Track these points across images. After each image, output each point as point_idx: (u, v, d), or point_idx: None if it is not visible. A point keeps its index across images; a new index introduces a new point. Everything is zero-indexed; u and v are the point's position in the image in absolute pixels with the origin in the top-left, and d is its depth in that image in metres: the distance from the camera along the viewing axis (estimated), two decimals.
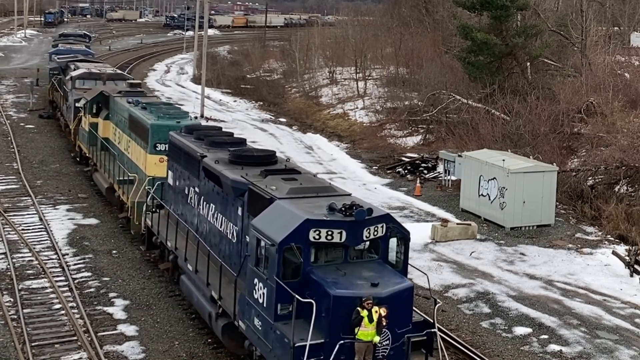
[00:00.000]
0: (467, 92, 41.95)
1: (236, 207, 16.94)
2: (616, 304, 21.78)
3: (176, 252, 19.74)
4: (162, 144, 23.93)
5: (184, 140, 20.77)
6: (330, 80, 64.27)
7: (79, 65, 40.93)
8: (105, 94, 31.29)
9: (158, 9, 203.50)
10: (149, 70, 77.51)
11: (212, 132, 21.60)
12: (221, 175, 17.50)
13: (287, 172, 17.29)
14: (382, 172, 37.22)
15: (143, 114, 25.96)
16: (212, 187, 18.29)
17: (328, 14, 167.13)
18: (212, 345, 18.02)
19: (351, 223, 14.43)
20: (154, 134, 24.44)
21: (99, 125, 31.01)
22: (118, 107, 29.08)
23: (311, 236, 14.27)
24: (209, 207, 18.61)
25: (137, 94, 30.29)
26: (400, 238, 15.33)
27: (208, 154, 18.91)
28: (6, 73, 67.62)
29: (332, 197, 15.62)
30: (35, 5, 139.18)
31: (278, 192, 15.64)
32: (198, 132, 21.07)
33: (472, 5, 41.94)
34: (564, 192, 30.26)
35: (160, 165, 23.68)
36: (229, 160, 18.10)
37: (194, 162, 19.41)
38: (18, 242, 24.80)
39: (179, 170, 20.85)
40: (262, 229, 14.80)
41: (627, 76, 40.74)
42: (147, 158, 24.67)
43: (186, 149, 20.19)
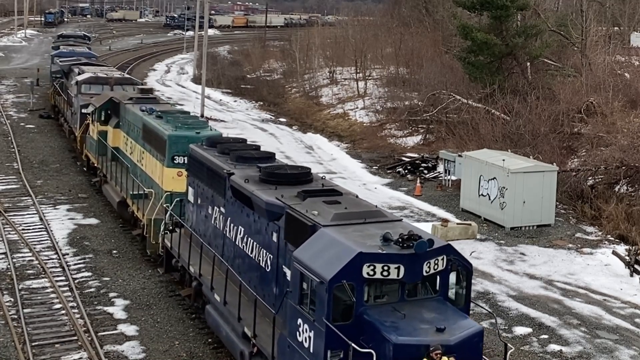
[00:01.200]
0: (467, 92, 41.96)
1: (270, 232, 15.27)
2: (616, 303, 21.79)
3: (200, 278, 18.07)
4: (180, 156, 22.32)
5: (206, 154, 19.03)
6: (330, 80, 64.28)
7: (84, 69, 39.14)
8: (115, 100, 29.63)
9: (158, 9, 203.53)
10: (149, 70, 77.55)
11: (238, 145, 19.73)
12: (253, 196, 15.79)
13: (327, 193, 15.47)
14: (382, 172, 37.24)
15: (159, 123, 24.15)
16: (241, 208, 16.63)
17: (328, 14, 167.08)
18: (212, 345, 18.03)
19: (410, 256, 12.64)
20: (171, 145, 22.63)
21: (109, 134, 29.39)
22: (130, 115, 27.41)
23: (365, 272, 12.45)
24: (237, 230, 16.96)
25: (149, 100, 28.59)
26: (461, 271, 13.53)
27: (235, 171, 17.23)
28: (6, 73, 67.63)
29: (382, 223, 13.91)
30: (36, 5, 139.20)
31: (321, 218, 13.84)
32: (222, 146, 19.16)
33: (472, 5, 41.94)
34: (564, 192, 30.27)
35: (179, 179, 22.13)
36: (260, 178, 16.38)
37: (219, 180, 17.75)
38: (18, 242, 24.81)
39: (201, 187, 19.16)
40: (307, 263, 12.98)
41: (627, 76, 40.74)
42: (164, 171, 22.92)
43: (209, 164, 18.49)
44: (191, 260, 18.61)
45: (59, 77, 44.24)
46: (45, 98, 52.39)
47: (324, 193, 15.41)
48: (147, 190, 23.55)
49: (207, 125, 23.99)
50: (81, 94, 34.79)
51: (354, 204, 14.80)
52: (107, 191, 28.24)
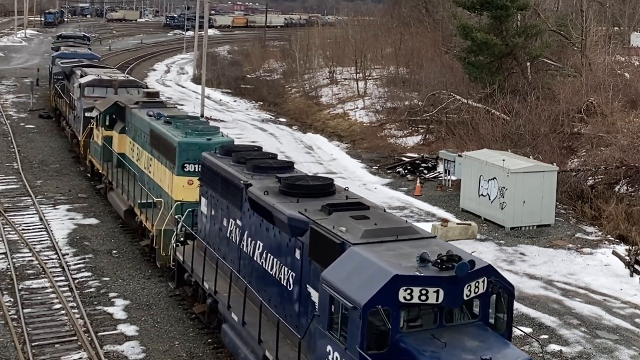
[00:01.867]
0: (467, 92, 41.95)
1: (292, 248, 14.27)
2: (616, 304, 21.78)
3: (216, 296, 17.04)
4: (190, 164, 21.37)
5: (220, 163, 18.00)
6: (330, 80, 64.28)
7: (87, 71, 37.89)
8: (120, 104, 28.58)
9: (158, 9, 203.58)
10: (149, 70, 77.56)
11: (253, 153, 18.62)
12: (274, 210, 14.74)
13: (353, 206, 14.40)
14: (382, 172, 37.23)
15: (168, 129, 23.13)
16: (260, 222, 15.64)
17: (328, 14, 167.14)
18: (212, 345, 18.03)
19: (450, 279, 11.63)
20: (181, 153, 21.62)
21: (114, 140, 28.39)
22: (136, 121, 26.36)
23: (401, 296, 11.45)
24: (256, 245, 15.97)
25: (156, 104, 27.49)
26: (502, 294, 12.47)
27: (253, 182, 16.22)
28: (6, 73, 67.64)
29: (415, 240, 12.95)
30: (35, 5, 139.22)
31: (350, 235, 12.80)
32: (237, 154, 18.07)
33: (472, 5, 41.95)
34: (564, 192, 30.27)
35: (189, 188, 21.22)
36: (280, 190, 15.37)
37: (236, 191, 16.77)
38: (18, 242, 24.80)
39: (216, 198, 18.12)
40: (337, 285, 12.00)
41: (627, 76, 40.73)
42: (174, 180, 21.87)
43: (224, 174, 17.48)
44: (206, 275, 17.57)
45: (60, 78, 43.49)
46: (45, 98, 52.40)
47: (350, 207, 14.37)
48: (156, 199, 22.62)
49: (218, 131, 22.91)
50: (84, 97, 34.07)
51: (384, 219, 13.77)
52: (113, 199, 27.22)
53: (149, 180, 24.39)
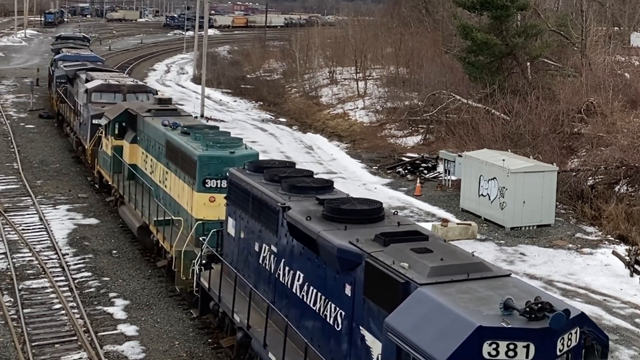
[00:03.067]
0: (467, 92, 41.96)
1: (342, 283, 12.69)
2: (616, 304, 21.79)
3: (249, 331, 15.29)
4: (212, 179, 19.73)
5: (250, 180, 16.31)
6: (330, 80, 64.29)
7: (93, 75, 35.91)
8: (131, 112, 26.69)
9: (158, 9, 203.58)
10: (149, 70, 77.56)
11: (287, 170, 16.71)
12: (320, 238, 13.05)
13: (410, 236, 12.67)
14: (382, 172, 37.23)
15: (186, 141, 21.34)
16: (301, 249, 14.00)
17: (328, 14, 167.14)
18: (212, 345, 18.02)
19: (542, 332, 9.97)
20: (202, 167, 19.84)
21: (125, 150, 26.65)
22: (150, 130, 24.56)
23: (485, 351, 9.89)
24: (295, 276, 14.30)
25: (170, 112, 25.75)
26: (596, 346, 10.98)
27: (291, 204, 14.47)
28: (6, 73, 67.66)
29: (489, 279, 11.31)
30: (35, 5, 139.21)
31: (415, 274, 11.14)
32: (270, 172, 16.26)
33: (472, 5, 41.95)
34: (564, 192, 30.27)
35: (211, 205, 19.63)
36: (324, 215, 13.67)
37: (271, 213, 15.11)
38: (18, 242, 24.80)
39: (245, 219, 16.43)
40: (407, 336, 10.41)
41: (627, 76, 40.73)
42: (194, 197, 20.10)
43: (256, 194, 15.76)
44: (236, 306, 15.77)
45: (62, 82, 41.97)
46: (45, 98, 52.38)
47: (408, 236, 12.66)
48: (175, 218, 20.97)
49: (241, 144, 20.98)
50: (91, 103, 32.47)
51: (449, 252, 12.02)
52: (125, 214, 25.37)
53: (165, 196, 22.64)
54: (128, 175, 25.82)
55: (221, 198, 18.64)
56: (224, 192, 18.59)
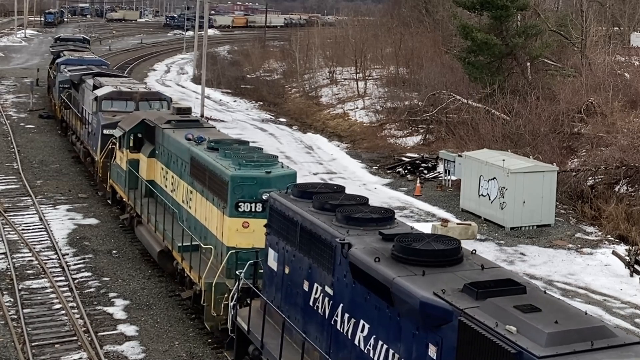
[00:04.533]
0: (467, 92, 41.97)
1: (424, 343, 10.56)
2: (616, 304, 21.79)
3: None
4: (246, 202, 17.65)
5: (297, 208, 14.16)
6: (330, 80, 64.29)
7: (102, 81, 33.41)
8: (149, 123, 24.46)
9: (158, 9, 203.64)
10: (149, 70, 77.59)
11: (338, 195, 14.52)
12: (396, 286, 10.86)
13: (505, 286, 10.42)
14: (382, 172, 37.23)
15: (214, 158, 19.13)
16: (366, 295, 11.76)
17: (328, 14, 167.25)
18: (212, 345, 18.02)
19: None
20: (235, 189, 17.71)
21: (141, 164, 24.52)
22: (170, 144, 22.40)
23: None
24: (357, 326, 12.08)
25: (191, 124, 23.66)
26: None
27: (350, 239, 12.30)
28: (6, 73, 67.67)
29: (617, 349, 9.37)
30: (35, 5, 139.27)
31: (529, 342, 9.04)
32: (320, 198, 14.04)
33: (472, 5, 41.95)
34: (564, 192, 30.27)
35: (244, 232, 17.68)
36: (393, 255, 11.48)
37: (324, 249, 13.04)
38: (18, 242, 24.80)
39: (291, 252, 14.19)
40: None
41: (627, 76, 40.74)
42: (225, 222, 17.99)
43: (304, 224, 13.70)
44: (284, 356, 13.51)
45: (66, 87, 40.01)
46: (44, 98, 52.37)
47: (502, 287, 10.39)
48: (205, 246, 18.72)
49: (276, 161, 18.75)
50: (102, 112, 30.30)
51: (560, 311, 9.90)
52: (143, 235, 23.21)
53: (189, 218, 20.47)
54: (145, 192, 23.74)
55: (256, 223, 17.16)
56: (259, 216, 17.15)
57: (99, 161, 29.44)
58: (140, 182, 24.19)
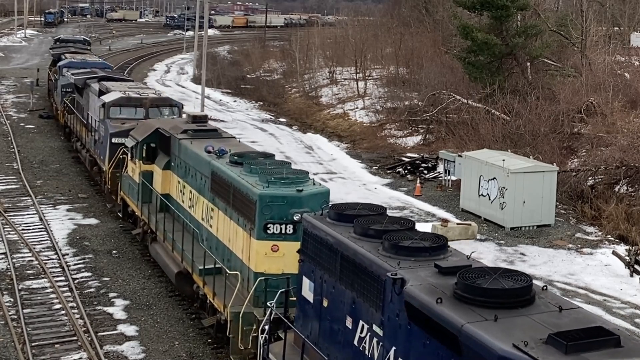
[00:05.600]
0: (467, 92, 41.97)
1: None
2: (616, 304, 21.80)
3: None
4: (275, 223, 16.15)
5: (335, 233, 12.68)
6: (330, 80, 64.29)
7: (109, 86, 31.60)
8: (163, 133, 22.91)
9: (158, 9, 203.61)
10: (149, 70, 77.58)
11: (382, 218, 12.91)
12: (465, 335, 9.36)
13: (596, 336, 8.95)
14: (382, 172, 37.23)
15: (239, 174, 17.58)
16: (425, 340, 10.24)
17: (328, 14, 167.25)
18: (212, 345, 18.03)
19: None
20: (264, 209, 16.18)
21: (155, 177, 23.04)
22: (188, 156, 20.89)
23: None
24: None
25: (210, 134, 22.11)
26: None
27: (403, 273, 10.82)
28: (6, 73, 67.64)
29: None
30: (35, 5, 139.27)
31: None
32: (362, 222, 12.56)
33: (472, 5, 41.95)
34: (564, 192, 30.28)
35: (274, 256, 16.25)
36: (457, 294, 9.97)
37: (371, 282, 11.51)
38: (18, 242, 24.81)
39: (330, 283, 12.72)
40: None
41: (627, 76, 40.75)
42: (253, 245, 16.52)
43: (345, 252, 12.23)
44: None
45: (69, 91, 38.73)
46: (44, 99, 52.36)
47: (593, 337, 8.91)
48: (232, 273, 17.02)
49: (307, 178, 17.14)
50: (110, 119, 28.70)
51: None
52: (158, 254, 21.72)
53: (210, 237, 18.99)
54: (160, 207, 22.26)
55: (286, 247, 15.93)
56: (289, 239, 15.92)
57: (108, 171, 28.05)
58: (156, 197, 22.54)
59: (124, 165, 25.60)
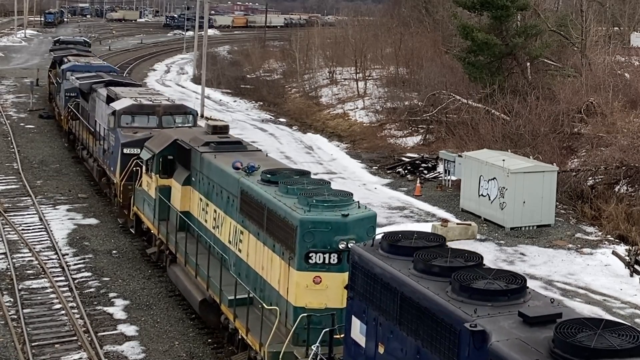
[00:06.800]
0: (467, 92, 41.97)
1: None
2: (616, 304, 21.80)
3: None
4: (319, 252, 14.43)
5: (393, 270, 11.10)
6: (330, 80, 64.30)
7: (117, 91, 29.70)
8: (182, 145, 21.14)
9: (158, 9, 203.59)
10: (149, 71, 77.58)
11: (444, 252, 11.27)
12: None
13: None
14: (382, 172, 37.24)
15: (274, 195, 15.81)
16: None
17: (328, 14, 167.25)
18: (212, 345, 18.03)
19: None
20: (305, 236, 14.48)
21: (173, 192, 21.30)
22: (212, 171, 19.10)
23: None
24: None
25: (234, 146, 20.32)
26: None
27: (484, 324, 9.21)
28: (6, 73, 67.65)
29: None
30: (35, 6, 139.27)
31: None
32: (423, 257, 10.94)
33: (472, 5, 41.96)
34: (564, 192, 30.28)
35: (316, 288, 14.53)
36: (555, 353, 8.44)
37: (441, 331, 9.91)
38: (18, 242, 24.81)
39: (387, 327, 11.15)
40: None
41: (627, 76, 40.74)
42: (292, 275, 14.79)
43: (406, 292, 10.66)
44: None
45: (73, 96, 37.24)
46: (44, 98, 52.35)
47: None
48: (270, 307, 15.31)
49: (351, 200, 15.32)
50: (121, 128, 26.88)
51: None
52: (179, 279, 19.82)
53: (239, 263, 17.27)
54: (179, 225, 20.42)
55: (329, 278, 14.45)
56: (333, 270, 14.42)
57: (120, 184, 26.07)
58: (175, 215, 20.72)
59: (137, 178, 23.85)
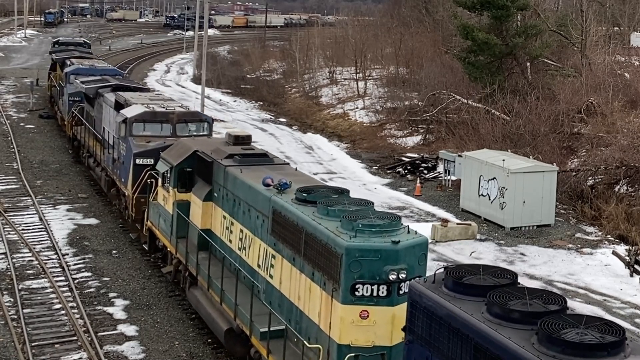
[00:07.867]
0: (467, 92, 41.97)
1: None
2: (616, 304, 21.80)
3: None
4: (366, 284, 12.93)
5: (463, 314, 9.72)
6: (330, 80, 64.30)
7: (127, 97, 28.04)
8: (204, 157, 19.41)
9: (158, 9, 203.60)
10: (149, 70, 77.59)
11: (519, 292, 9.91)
12: None
13: None
14: (382, 172, 37.24)
15: (312, 216, 14.29)
16: None
17: (328, 14, 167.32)
18: (212, 345, 18.03)
19: None
20: (352, 265, 12.95)
21: (193, 208, 19.60)
22: (237, 187, 17.45)
23: None
24: None
25: (260, 159, 18.78)
26: None
27: None
28: (6, 73, 67.64)
29: None
30: (35, 5, 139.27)
31: None
32: (498, 300, 9.59)
33: (472, 5, 41.96)
34: (564, 192, 30.28)
35: (363, 324, 13.01)
36: None
37: None
38: (18, 242, 24.81)
39: None
40: None
41: (627, 76, 40.74)
42: (336, 309, 13.25)
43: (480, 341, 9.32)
44: None
45: (77, 100, 36.11)
46: (44, 98, 52.34)
47: None
48: (313, 346, 13.66)
49: (400, 223, 13.80)
50: (133, 137, 25.08)
51: None
52: (200, 304, 18.35)
53: (270, 290, 15.70)
54: (199, 244, 18.87)
55: (378, 313, 13.02)
56: (382, 303, 12.99)
57: (132, 197, 24.26)
58: (196, 233, 19.10)
59: (152, 191, 22.31)
